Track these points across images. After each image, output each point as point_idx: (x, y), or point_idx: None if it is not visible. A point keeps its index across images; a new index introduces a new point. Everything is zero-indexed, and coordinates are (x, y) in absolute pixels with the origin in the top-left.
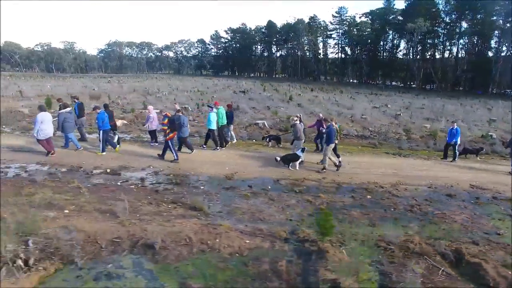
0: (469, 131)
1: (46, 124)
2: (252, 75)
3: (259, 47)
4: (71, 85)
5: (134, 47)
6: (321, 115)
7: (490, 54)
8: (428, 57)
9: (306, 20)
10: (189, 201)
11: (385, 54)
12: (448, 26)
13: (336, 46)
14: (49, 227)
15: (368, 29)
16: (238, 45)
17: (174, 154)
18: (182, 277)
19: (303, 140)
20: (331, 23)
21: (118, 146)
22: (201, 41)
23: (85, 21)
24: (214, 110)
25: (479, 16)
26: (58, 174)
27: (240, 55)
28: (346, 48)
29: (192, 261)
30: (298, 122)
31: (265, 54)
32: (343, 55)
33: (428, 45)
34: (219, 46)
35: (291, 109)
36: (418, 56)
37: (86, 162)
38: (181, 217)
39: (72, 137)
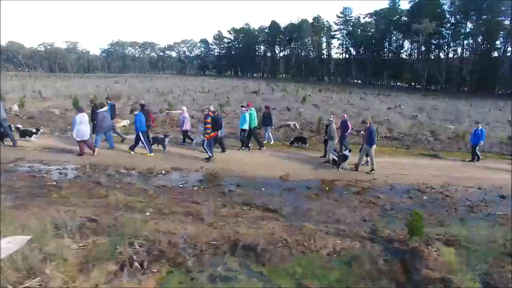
0: (493, 132)
1: (84, 125)
2: (255, 75)
3: (262, 47)
4: (82, 85)
5: (137, 47)
6: (345, 115)
7: (495, 54)
8: (432, 57)
9: (310, 20)
10: (260, 203)
11: (390, 55)
12: (453, 27)
13: (340, 46)
14: (144, 229)
15: (373, 30)
16: (241, 45)
17: (210, 153)
18: (295, 278)
19: (336, 141)
20: (335, 23)
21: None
22: (204, 41)
23: (88, 21)
24: (248, 110)
25: (484, 17)
26: (116, 176)
27: (243, 55)
28: (351, 48)
29: (297, 262)
30: (333, 122)
31: (268, 54)
32: (347, 56)
33: (433, 45)
34: (222, 46)
35: (310, 110)
36: (423, 57)
37: (137, 164)
38: (261, 219)
39: (103, 136)
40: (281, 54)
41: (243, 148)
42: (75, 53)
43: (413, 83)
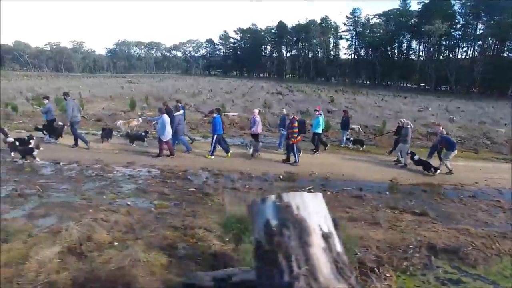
0: None
1: (168, 127)
2: (261, 75)
3: (268, 47)
4: (100, 85)
5: (142, 47)
6: (403, 120)
7: (506, 55)
8: (443, 58)
9: (318, 20)
10: (401, 206)
11: (400, 56)
12: (464, 28)
13: (349, 47)
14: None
15: (382, 31)
16: (247, 45)
17: (297, 157)
18: None
19: (408, 145)
20: (344, 24)
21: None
22: (210, 41)
23: (94, 20)
24: (321, 114)
25: (495, 18)
26: (241, 181)
27: (250, 55)
28: (360, 49)
29: (502, 264)
30: (410, 125)
31: (274, 54)
32: (355, 56)
33: (444, 46)
34: (227, 46)
35: (353, 113)
36: (432, 58)
37: (222, 167)
38: (418, 222)
39: (183, 139)
40: (288, 54)
41: (317, 152)
42: (81, 52)
43: (421, 84)
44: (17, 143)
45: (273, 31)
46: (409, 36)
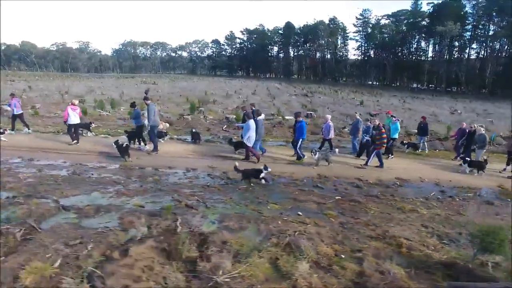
0: None
1: (253, 132)
2: (268, 76)
3: (275, 48)
4: (118, 86)
5: (148, 47)
6: (475, 125)
7: None
8: (454, 59)
9: (326, 21)
10: None
11: (411, 57)
12: (475, 29)
13: (358, 48)
14: None
15: (392, 31)
16: (254, 46)
17: (382, 162)
18: None
19: (485, 150)
20: (354, 25)
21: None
22: (216, 42)
23: (100, 21)
24: (398, 120)
25: (507, 18)
26: (365, 188)
27: (256, 55)
28: (369, 50)
29: None
30: (484, 131)
31: (281, 55)
32: (365, 57)
33: (455, 47)
34: (234, 46)
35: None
36: (444, 58)
37: (334, 173)
38: None
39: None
40: (295, 55)
41: (392, 156)
42: (87, 53)
43: (430, 85)
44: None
45: (280, 31)
46: (420, 37)
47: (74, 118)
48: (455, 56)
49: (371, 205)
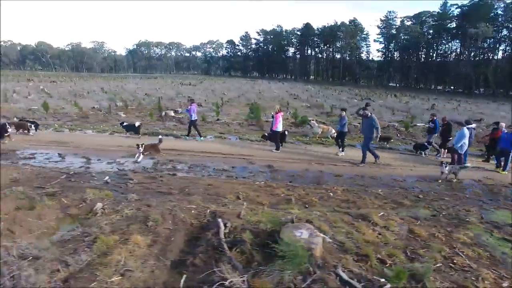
0: None
1: (467, 140)
2: (284, 76)
3: (292, 49)
4: (141, 85)
5: (162, 47)
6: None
7: None
8: (482, 60)
9: (346, 22)
10: None
11: (437, 58)
12: (506, 30)
13: (383, 49)
14: None
15: (416, 33)
16: (270, 46)
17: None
18: None
19: None
20: (378, 27)
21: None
22: (231, 42)
23: (115, 21)
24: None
25: None
26: None
27: (272, 56)
28: (393, 51)
29: None
30: None
31: (298, 55)
32: (388, 58)
33: (485, 49)
34: (248, 47)
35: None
36: (473, 60)
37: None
38: None
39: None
40: (312, 56)
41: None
42: (102, 53)
43: (452, 87)
44: None
45: (298, 32)
46: (447, 38)
47: (280, 125)
48: (484, 58)
49: None
